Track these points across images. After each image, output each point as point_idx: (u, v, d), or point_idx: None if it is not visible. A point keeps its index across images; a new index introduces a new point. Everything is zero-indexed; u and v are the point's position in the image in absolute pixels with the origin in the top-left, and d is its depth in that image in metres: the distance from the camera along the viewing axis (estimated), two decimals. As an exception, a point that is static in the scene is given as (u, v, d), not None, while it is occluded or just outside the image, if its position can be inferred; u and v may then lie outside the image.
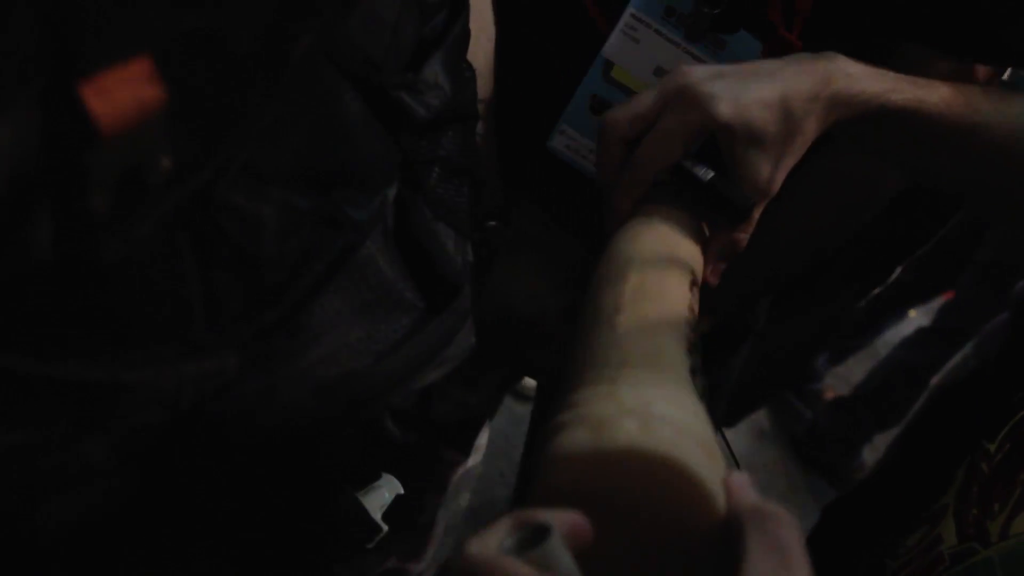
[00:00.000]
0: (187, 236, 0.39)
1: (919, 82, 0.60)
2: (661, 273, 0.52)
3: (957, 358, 2.03)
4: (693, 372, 0.46)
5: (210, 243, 0.39)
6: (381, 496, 0.54)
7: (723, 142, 0.57)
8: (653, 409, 0.41)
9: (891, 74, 0.60)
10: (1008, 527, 0.44)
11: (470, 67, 0.58)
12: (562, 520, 0.34)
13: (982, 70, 0.78)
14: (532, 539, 0.34)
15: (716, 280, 0.61)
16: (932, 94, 0.60)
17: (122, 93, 0.33)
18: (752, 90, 0.55)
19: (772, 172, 0.57)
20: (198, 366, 0.39)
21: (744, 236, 0.61)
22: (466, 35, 0.56)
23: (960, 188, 0.71)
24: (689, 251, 0.57)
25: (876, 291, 2.10)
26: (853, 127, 0.60)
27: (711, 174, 0.58)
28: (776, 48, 0.74)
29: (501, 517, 0.35)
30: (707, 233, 0.61)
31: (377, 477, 0.53)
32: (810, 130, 0.57)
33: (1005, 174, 0.62)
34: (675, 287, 0.52)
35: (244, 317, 0.41)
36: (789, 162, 0.58)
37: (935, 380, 2.11)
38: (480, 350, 0.56)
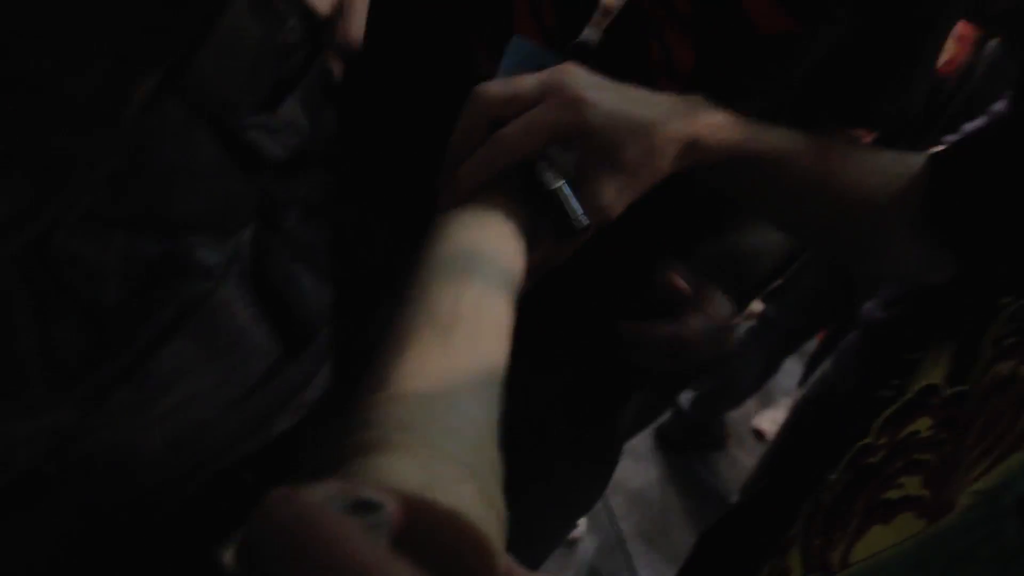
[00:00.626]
0: (23, 288, 0.36)
1: (779, 132, 0.62)
2: (500, 286, 0.50)
3: (818, 373, 2.10)
4: None
5: (48, 294, 0.37)
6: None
7: (582, 153, 0.57)
8: (487, 473, 0.40)
9: (751, 124, 0.61)
10: (848, 555, 0.45)
11: (330, 105, 0.57)
12: (393, 507, 0.31)
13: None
14: (360, 508, 0.32)
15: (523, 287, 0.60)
16: (789, 144, 0.62)
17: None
18: (627, 112, 0.56)
19: (615, 198, 0.57)
20: (33, 425, 0.37)
21: (565, 254, 0.60)
22: (326, 74, 0.55)
23: (810, 235, 0.74)
24: (520, 255, 0.56)
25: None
26: (710, 173, 0.62)
27: (559, 182, 0.57)
28: None
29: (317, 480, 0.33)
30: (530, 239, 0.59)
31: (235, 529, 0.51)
32: (663, 169, 0.58)
33: (852, 223, 0.65)
34: (508, 303, 0.51)
35: (85, 371, 0.39)
36: (631, 195, 0.58)
37: (797, 395, 2.19)
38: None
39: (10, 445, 0.36)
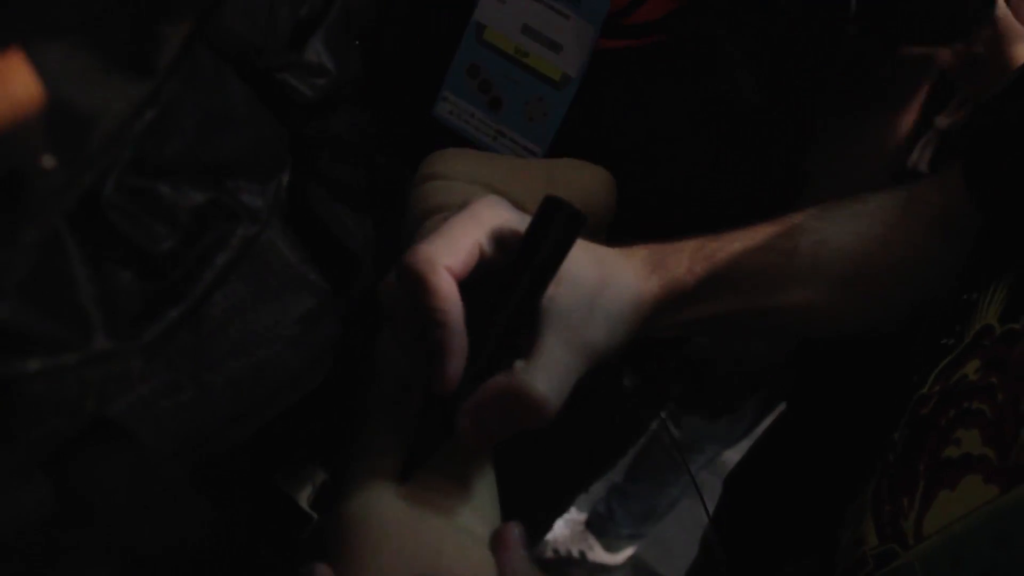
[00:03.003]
0: (77, 240, 0.37)
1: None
2: None
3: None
4: None
5: (103, 246, 0.38)
6: (307, 486, 0.54)
7: None
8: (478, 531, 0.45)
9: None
10: (920, 526, 0.42)
11: (355, 45, 0.57)
12: None
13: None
14: None
15: None
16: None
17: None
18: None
19: None
20: (101, 371, 0.38)
21: None
22: (346, 14, 0.55)
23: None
24: None
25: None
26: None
27: None
28: None
29: None
30: None
31: (300, 466, 0.53)
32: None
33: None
34: None
35: (146, 317, 0.40)
36: None
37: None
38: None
39: (82, 390, 0.38)
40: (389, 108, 0.76)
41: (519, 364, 0.44)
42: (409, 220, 0.62)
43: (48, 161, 0.34)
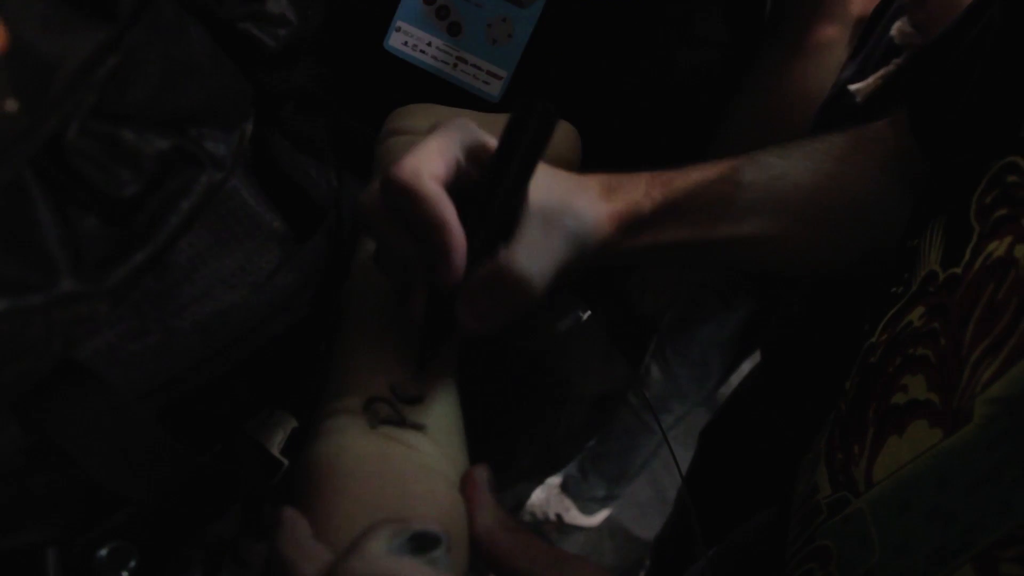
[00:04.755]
0: (41, 184, 0.38)
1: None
2: None
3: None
4: None
5: (67, 189, 0.39)
6: (276, 433, 0.55)
7: None
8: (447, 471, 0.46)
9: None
10: (871, 473, 0.43)
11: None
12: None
13: None
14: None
15: None
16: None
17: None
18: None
19: None
20: (67, 313, 0.39)
21: None
22: None
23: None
24: None
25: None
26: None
27: None
28: None
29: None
30: None
31: (269, 414, 0.54)
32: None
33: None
34: None
35: (111, 260, 0.40)
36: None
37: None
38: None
39: (48, 335, 0.38)
40: (337, 47, 0.74)
41: (503, 249, 0.46)
42: (377, 175, 0.63)
43: (11, 104, 0.35)
